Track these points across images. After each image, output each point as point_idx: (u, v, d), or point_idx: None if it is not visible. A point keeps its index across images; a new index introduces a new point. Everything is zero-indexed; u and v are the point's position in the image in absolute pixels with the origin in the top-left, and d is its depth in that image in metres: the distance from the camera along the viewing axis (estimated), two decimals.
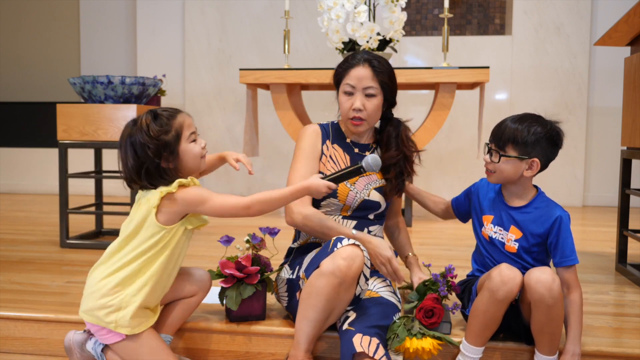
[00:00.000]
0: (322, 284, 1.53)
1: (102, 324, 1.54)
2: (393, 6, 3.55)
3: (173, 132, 1.53)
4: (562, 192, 4.84)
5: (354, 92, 1.79)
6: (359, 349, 1.50)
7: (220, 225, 3.71)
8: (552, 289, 1.49)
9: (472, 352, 1.60)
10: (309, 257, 1.75)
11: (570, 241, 1.64)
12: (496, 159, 1.66)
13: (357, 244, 1.57)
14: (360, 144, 1.91)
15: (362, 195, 1.83)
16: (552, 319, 1.52)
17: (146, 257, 1.54)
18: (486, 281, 1.57)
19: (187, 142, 1.56)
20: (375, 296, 1.72)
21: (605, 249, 3.09)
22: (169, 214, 1.53)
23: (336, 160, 1.87)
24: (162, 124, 1.53)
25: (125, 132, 1.55)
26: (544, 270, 1.51)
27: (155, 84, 3.08)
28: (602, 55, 4.84)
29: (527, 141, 1.63)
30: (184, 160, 1.55)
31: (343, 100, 1.82)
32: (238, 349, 1.82)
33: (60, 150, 2.98)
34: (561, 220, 1.64)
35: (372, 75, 1.78)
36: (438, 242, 3.24)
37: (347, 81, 1.81)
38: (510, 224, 1.70)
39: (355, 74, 1.79)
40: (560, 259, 1.64)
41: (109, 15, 5.61)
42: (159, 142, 1.50)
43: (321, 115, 4.80)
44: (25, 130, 5.74)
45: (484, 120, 3.67)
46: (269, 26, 5.20)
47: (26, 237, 3.29)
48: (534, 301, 1.51)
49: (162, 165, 1.51)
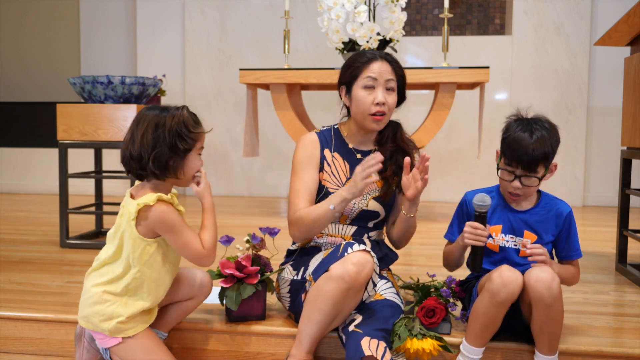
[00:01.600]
0: (330, 287, 1.52)
1: (98, 330, 1.56)
2: (393, 6, 3.56)
3: (194, 137, 1.54)
4: (562, 192, 4.84)
5: (376, 85, 1.73)
6: (368, 352, 1.50)
7: (220, 226, 3.71)
8: (551, 288, 1.49)
9: (472, 352, 1.60)
10: (316, 260, 1.74)
11: (577, 235, 1.70)
12: (534, 182, 1.62)
13: (368, 250, 1.56)
14: (362, 150, 1.86)
15: (360, 205, 1.80)
16: (552, 318, 1.52)
17: (136, 271, 1.54)
18: (487, 283, 1.56)
19: (196, 154, 1.57)
20: (380, 298, 1.71)
21: (605, 249, 3.09)
22: (145, 227, 1.52)
23: (337, 172, 1.83)
24: (196, 122, 1.55)
25: (151, 113, 1.52)
26: (543, 269, 1.51)
27: (155, 84, 3.08)
28: (602, 55, 4.84)
29: (554, 151, 1.64)
30: (185, 166, 1.55)
31: (362, 95, 1.74)
32: (238, 349, 1.82)
33: (60, 150, 2.98)
34: (571, 215, 1.70)
35: (391, 69, 1.76)
36: (438, 242, 3.24)
37: (368, 74, 1.73)
38: (523, 228, 1.69)
39: (376, 67, 1.73)
40: (569, 253, 1.69)
41: (109, 15, 5.61)
42: (188, 136, 1.51)
43: (321, 115, 4.80)
44: (25, 130, 5.74)
45: (484, 120, 3.67)
46: (269, 26, 5.20)
47: (26, 237, 3.29)
48: (533, 300, 1.51)
49: (168, 159, 1.51)
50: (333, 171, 1.83)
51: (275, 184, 5.34)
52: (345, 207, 1.69)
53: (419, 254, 2.91)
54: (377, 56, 1.76)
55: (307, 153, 1.83)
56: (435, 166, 5.10)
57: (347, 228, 1.83)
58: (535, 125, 1.63)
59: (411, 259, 2.79)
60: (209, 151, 5.32)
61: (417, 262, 2.72)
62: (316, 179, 1.82)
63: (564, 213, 1.69)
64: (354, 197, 1.64)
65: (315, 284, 1.58)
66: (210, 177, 5.40)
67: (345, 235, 1.83)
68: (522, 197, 1.67)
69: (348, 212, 1.81)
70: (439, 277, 1.89)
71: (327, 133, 1.89)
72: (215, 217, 1.64)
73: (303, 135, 1.90)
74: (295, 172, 1.82)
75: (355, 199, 1.71)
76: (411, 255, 2.87)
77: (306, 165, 1.81)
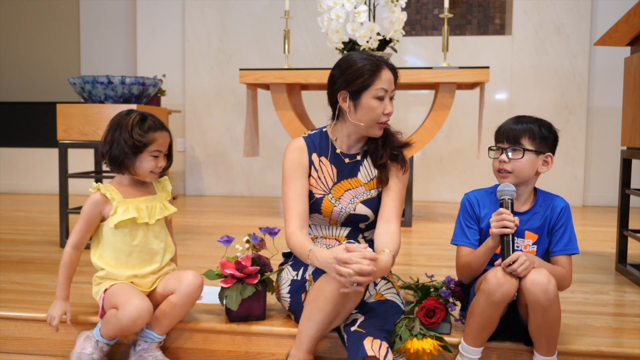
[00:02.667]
0: (331, 288, 1.53)
1: (98, 300, 1.79)
2: (393, 6, 3.56)
3: (144, 141, 1.73)
4: (562, 192, 4.84)
5: (385, 96, 1.72)
6: (371, 352, 1.50)
7: (220, 226, 3.71)
8: (547, 290, 1.48)
9: (471, 352, 1.60)
10: None
11: (573, 230, 1.69)
12: (519, 154, 1.63)
13: (370, 250, 1.56)
14: (349, 154, 1.85)
15: (347, 210, 1.80)
16: (549, 321, 1.52)
17: (98, 246, 1.80)
18: (482, 283, 1.56)
19: (148, 155, 1.75)
20: (381, 299, 1.71)
21: (605, 249, 3.09)
22: None
23: (323, 177, 1.83)
24: (143, 130, 1.74)
25: (118, 116, 1.78)
26: (539, 272, 1.51)
27: (155, 84, 3.08)
28: (602, 55, 4.84)
29: (543, 135, 1.64)
30: (136, 165, 1.76)
31: (375, 105, 1.71)
32: (238, 349, 1.82)
33: (60, 150, 2.98)
34: (567, 209, 1.69)
35: (394, 78, 1.75)
36: (438, 242, 3.24)
37: (380, 85, 1.70)
38: (523, 229, 1.69)
39: (386, 78, 1.71)
40: (565, 246, 1.67)
41: (109, 15, 5.61)
42: (132, 142, 1.72)
43: (321, 115, 4.80)
44: (25, 130, 5.74)
45: (484, 120, 3.67)
46: (269, 26, 5.20)
47: (26, 237, 3.29)
48: (529, 303, 1.51)
49: (124, 157, 1.73)
50: (320, 176, 1.83)
51: (275, 184, 5.34)
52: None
53: (419, 254, 2.90)
54: (383, 64, 1.72)
55: (295, 160, 1.82)
56: (435, 166, 5.10)
57: (340, 230, 1.84)
58: (523, 117, 1.69)
59: (411, 259, 2.79)
60: (209, 151, 5.33)
61: (417, 262, 2.72)
62: (307, 185, 1.81)
63: (559, 207, 1.69)
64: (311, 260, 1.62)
65: (315, 284, 1.58)
66: (210, 177, 5.41)
67: (340, 237, 1.84)
68: (512, 176, 1.65)
69: (336, 217, 1.81)
70: (437, 277, 1.89)
71: (315, 137, 1.87)
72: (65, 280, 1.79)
73: (291, 141, 1.88)
74: (285, 180, 1.81)
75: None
76: (411, 255, 2.87)
77: (295, 172, 1.80)
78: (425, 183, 5.11)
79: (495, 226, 1.56)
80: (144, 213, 1.77)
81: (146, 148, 1.74)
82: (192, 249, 2.95)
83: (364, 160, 1.84)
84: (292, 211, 1.76)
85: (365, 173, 1.83)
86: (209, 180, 5.44)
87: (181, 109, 5.36)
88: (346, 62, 1.74)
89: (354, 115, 1.75)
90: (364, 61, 1.71)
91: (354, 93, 1.72)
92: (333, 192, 1.81)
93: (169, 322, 1.76)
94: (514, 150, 1.64)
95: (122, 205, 1.75)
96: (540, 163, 1.66)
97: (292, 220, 1.75)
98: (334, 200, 1.80)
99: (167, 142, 1.80)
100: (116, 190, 1.78)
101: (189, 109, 5.35)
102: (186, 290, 1.73)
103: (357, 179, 1.82)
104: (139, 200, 1.79)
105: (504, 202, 1.60)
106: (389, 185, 1.80)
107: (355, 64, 1.71)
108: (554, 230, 1.68)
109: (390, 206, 1.79)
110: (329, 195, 1.81)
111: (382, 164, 1.81)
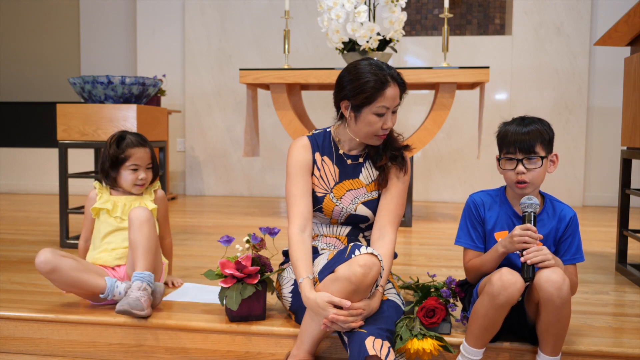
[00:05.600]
0: (336, 288, 1.53)
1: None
2: (393, 6, 3.56)
3: (122, 157, 2.03)
4: (562, 192, 4.84)
5: (386, 113, 1.72)
6: (372, 352, 1.50)
7: (220, 225, 3.71)
8: (561, 289, 1.48)
9: (472, 353, 1.60)
10: (320, 260, 1.74)
11: (580, 239, 1.70)
12: (536, 163, 1.61)
13: (375, 253, 1.55)
14: (352, 155, 1.86)
15: (348, 210, 1.81)
16: (559, 320, 1.52)
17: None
18: (487, 285, 1.55)
19: (126, 170, 2.05)
20: (383, 299, 1.71)
21: (605, 249, 3.09)
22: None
23: (325, 176, 1.84)
24: (120, 147, 2.04)
25: (116, 132, 2.11)
26: (554, 270, 1.50)
27: (155, 84, 3.08)
28: (602, 55, 4.84)
29: (551, 137, 1.64)
30: (119, 178, 2.07)
31: (373, 120, 1.71)
32: (238, 349, 1.82)
33: (60, 150, 2.98)
34: (575, 220, 1.69)
35: (399, 93, 1.73)
36: (438, 242, 3.24)
37: (382, 103, 1.69)
38: None
39: (390, 95, 1.70)
40: (572, 256, 1.67)
41: (109, 15, 5.61)
42: (109, 157, 2.05)
43: (321, 115, 4.80)
44: (25, 130, 5.74)
45: (484, 120, 3.67)
46: (269, 26, 5.20)
47: (26, 237, 3.29)
48: (542, 300, 1.50)
49: (108, 170, 2.06)
50: (322, 175, 1.84)
51: (275, 184, 5.34)
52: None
53: (419, 254, 2.90)
54: (389, 80, 1.70)
55: (299, 158, 1.83)
56: (435, 166, 5.10)
57: (341, 228, 1.85)
58: (525, 120, 1.67)
59: (411, 259, 2.79)
60: (209, 151, 5.33)
61: (417, 262, 2.72)
62: (310, 183, 1.82)
63: (568, 216, 1.68)
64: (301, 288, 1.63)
65: (320, 285, 1.58)
66: (210, 177, 5.41)
67: (340, 236, 1.85)
68: (530, 185, 1.63)
69: (337, 217, 1.82)
70: (439, 277, 1.89)
71: (319, 136, 1.88)
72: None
73: (295, 139, 1.90)
74: (290, 177, 1.82)
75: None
76: (411, 255, 2.87)
77: (300, 170, 1.81)
78: (425, 183, 5.12)
79: (517, 240, 1.55)
80: (118, 208, 2.06)
81: (124, 163, 2.03)
82: (192, 249, 2.95)
83: (366, 162, 1.85)
84: (295, 209, 1.77)
85: (366, 174, 1.84)
86: (209, 180, 5.44)
87: (181, 109, 5.36)
88: (355, 71, 1.72)
89: (353, 126, 1.76)
90: (370, 76, 1.69)
91: (356, 106, 1.72)
92: (334, 192, 1.82)
93: (141, 253, 1.90)
94: (529, 160, 1.62)
95: (104, 198, 2.07)
96: (549, 165, 1.67)
97: (295, 219, 1.76)
98: (335, 199, 1.81)
99: (146, 156, 2.06)
100: (107, 189, 2.10)
101: (189, 109, 5.35)
102: (133, 221, 1.94)
103: (359, 180, 1.83)
104: (121, 198, 2.09)
105: (527, 215, 1.57)
106: (389, 187, 1.81)
107: (361, 78, 1.69)
108: (562, 240, 1.68)
109: (386, 211, 1.79)
110: (330, 194, 1.82)
111: (381, 166, 1.82)
